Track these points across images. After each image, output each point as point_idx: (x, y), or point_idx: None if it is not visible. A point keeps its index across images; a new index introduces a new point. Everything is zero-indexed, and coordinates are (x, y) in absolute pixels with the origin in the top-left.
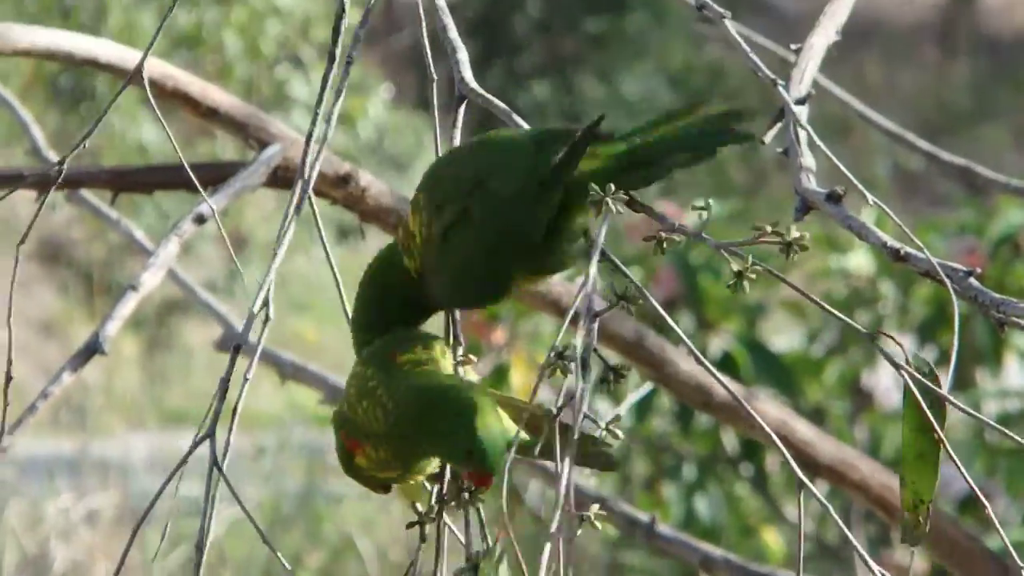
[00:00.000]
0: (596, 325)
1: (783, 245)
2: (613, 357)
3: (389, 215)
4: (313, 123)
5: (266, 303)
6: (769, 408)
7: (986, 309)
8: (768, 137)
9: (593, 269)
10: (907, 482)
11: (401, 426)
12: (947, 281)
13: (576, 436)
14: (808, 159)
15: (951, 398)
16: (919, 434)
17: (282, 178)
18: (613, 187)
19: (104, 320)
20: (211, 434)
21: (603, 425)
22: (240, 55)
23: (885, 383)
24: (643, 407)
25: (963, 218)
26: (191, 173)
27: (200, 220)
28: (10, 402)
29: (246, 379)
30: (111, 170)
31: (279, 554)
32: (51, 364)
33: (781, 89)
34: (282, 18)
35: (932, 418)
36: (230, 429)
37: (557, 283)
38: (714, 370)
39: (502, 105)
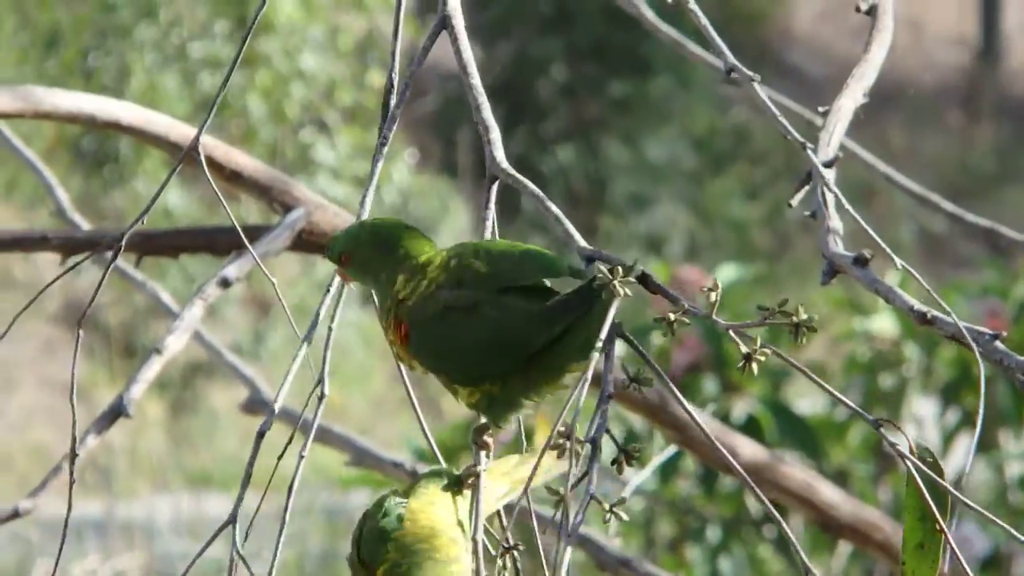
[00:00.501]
0: (607, 407)
1: (791, 326)
2: (628, 429)
3: None
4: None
5: (320, 380)
6: (794, 471)
7: (1011, 372)
8: (795, 200)
9: (605, 356)
10: (907, 571)
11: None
12: (973, 345)
13: (580, 519)
14: (836, 222)
15: (953, 490)
16: (921, 523)
17: (306, 241)
18: (622, 270)
19: (129, 383)
20: (233, 520)
21: (607, 507)
22: (264, 119)
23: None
24: (668, 469)
25: (986, 280)
26: (219, 235)
27: (225, 284)
28: (36, 464)
29: (302, 456)
30: (137, 233)
31: None
32: (78, 427)
33: (810, 153)
34: (306, 82)
35: (934, 509)
36: (261, 497)
37: None
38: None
39: (533, 187)
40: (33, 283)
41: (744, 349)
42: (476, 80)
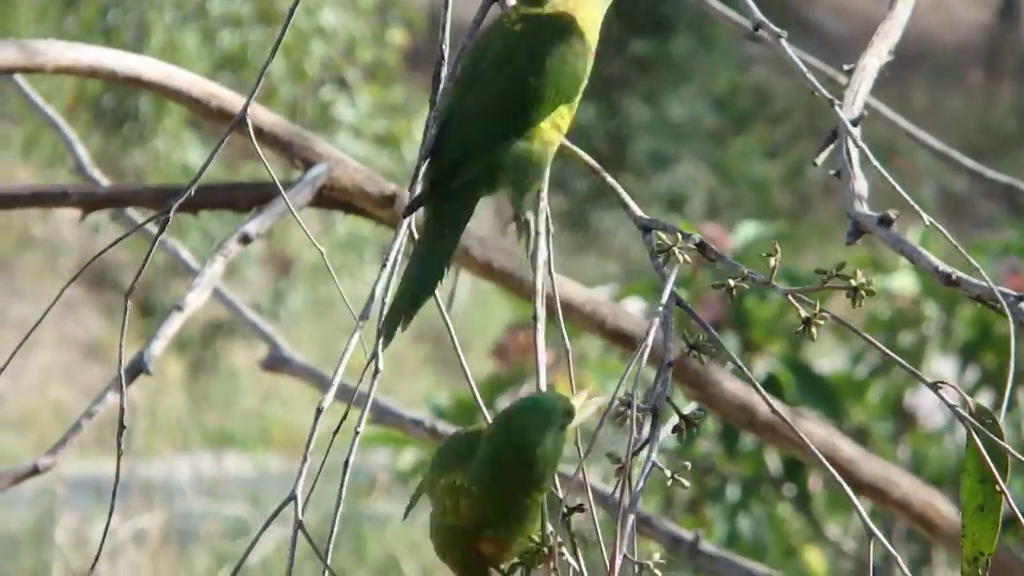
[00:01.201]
0: (668, 375)
1: (850, 290)
2: (647, 386)
3: None
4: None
5: (374, 355)
6: (814, 427)
7: None
8: (820, 159)
9: (664, 322)
10: (967, 533)
11: (489, 480)
12: (1005, 305)
13: (640, 486)
14: (860, 182)
15: (1014, 451)
16: (981, 486)
17: (327, 198)
18: (681, 238)
19: (149, 340)
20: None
21: (669, 474)
22: (284, 77)
23: (928, 404)
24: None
25: (1007, 239)
26: (239, 191)
27: (245, 240)
28: (56, 424)
29: (357, 432)
30: (156, 188)
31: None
32: (96, 387)
33: (837, 109)
34: (327, 39)
35: (995, 470)
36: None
37: (619, 310)
38: (759, 389)
39: (583, 154)
40: (52, 241)
41: (804, 313)
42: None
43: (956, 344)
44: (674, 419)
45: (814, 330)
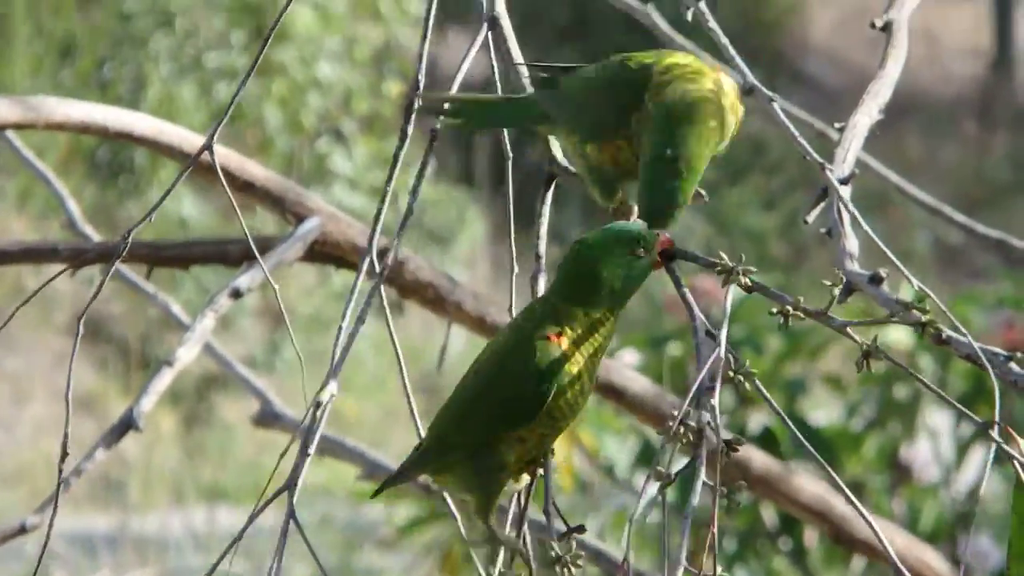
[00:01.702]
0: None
1: (918, 325)
2: (644, 440)
3: (427, 289)
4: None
5: (329, 378)
6: (807, 483)
7: None
8: (811, 217)
9: (711, 344)
10: (1013, 574)
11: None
12: (988, 367)
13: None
14: (851, 241)
15: None
16: None
17: (320, 253)
18: (744, 258)
19: (139, 395)
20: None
21: (720, 491)
22: (281, 128)
23: (924, 456)
24: (684, 480)
25: (1001, 291)
26: (231, 246)
27: (236, 295)
28: (48, 478)
29: (307, 455)
30: (148, 244)
31: None
32: (90, 440)
33: (828, 172)
34: (323, 91)
35: None
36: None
37: (611, 363)
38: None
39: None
40: (45, 294)
41: (863, 346)
42: (527, 81)
43: (951, 396)
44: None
45: (871, 364)
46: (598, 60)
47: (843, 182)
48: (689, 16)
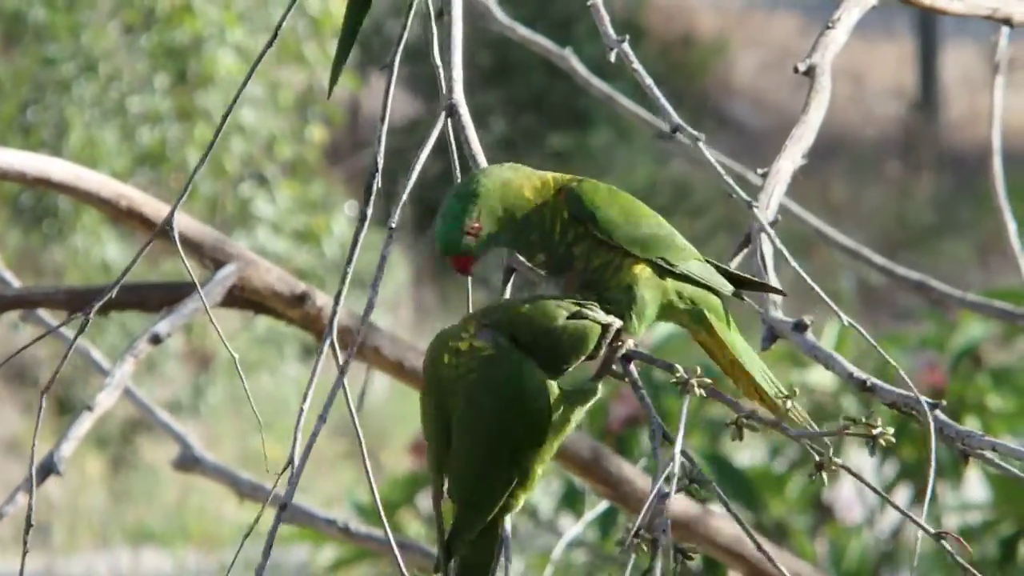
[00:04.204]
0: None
1: (869, 438)
2: (567, 482)
3: (347, 335)
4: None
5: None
6: (724, 525)
7: (951, 441)
8: (734, 263)
9: (676, 461)
10: None
11: None
12: (917, 415)
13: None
14: (774, 283)
15: None
16: None
17: (239, 298)
18: (699, 370)
19: (60, 440)
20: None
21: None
22: (204, 173)
23: (847, 497)
24: (607, 522)
25: (925, 332)
26: (150, 292)
27: (156, 340)
28: None
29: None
30: (67, 290)
31: None
32: (15, 483)
33: (755, 209)
34: (246, 136)
35: None
36: None
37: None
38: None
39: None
40: None
41: (818, 458)
42: (469, 122)
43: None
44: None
45: (825, 475)
46: (521, 102)
47: (767, 226)
48: (612, 57)
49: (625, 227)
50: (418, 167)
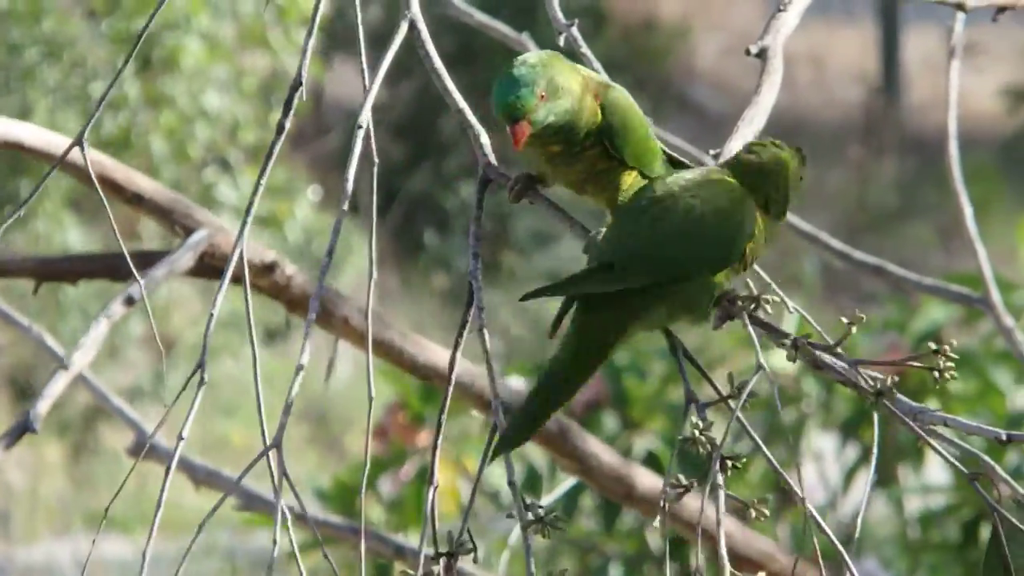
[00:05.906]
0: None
1: (932, 369)
2: (529, 465)
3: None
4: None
5: (200, 366)
6: (691, 502)
7: (903, 419)
8: None
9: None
10: None
11: None
12: (865, 392)
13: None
14: None
15: None
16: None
17: (208, 266)
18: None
19: (35, 399)
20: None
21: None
22: (167, 158)
23: (808, 481)
24: (569, 506)
25: (886, 315)
26: (120, 261)
27: (130, 302)
28: None
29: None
30: (35, 259)
31: None
32: None
33: None
34: (210, 122)
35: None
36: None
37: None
38: None
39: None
40: None
41: (873, 388)
42: (450, 82)
43: (836, 421)
44: None
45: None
46: (484, 88)
47: None
48: (561, 41)
49: (633, 147)
50: (380, 76)
